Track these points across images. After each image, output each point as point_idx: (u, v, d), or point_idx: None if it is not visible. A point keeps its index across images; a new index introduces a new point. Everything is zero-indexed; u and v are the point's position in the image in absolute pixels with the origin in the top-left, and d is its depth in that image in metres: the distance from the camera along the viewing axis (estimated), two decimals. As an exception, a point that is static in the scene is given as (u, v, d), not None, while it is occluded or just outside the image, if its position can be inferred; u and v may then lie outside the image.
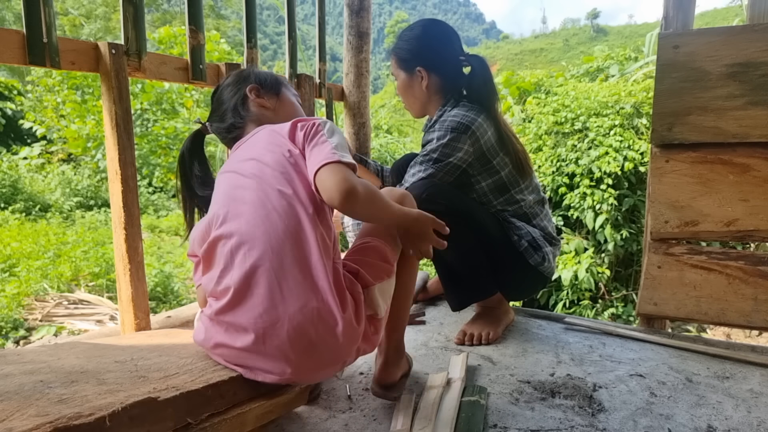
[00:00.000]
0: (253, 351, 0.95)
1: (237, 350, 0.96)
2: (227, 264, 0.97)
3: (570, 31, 50.36)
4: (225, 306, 0.96)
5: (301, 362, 0.95)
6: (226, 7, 30.07)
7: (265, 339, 0.93)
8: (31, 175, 9.89)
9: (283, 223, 0.96)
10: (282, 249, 0.95)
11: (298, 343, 0.93)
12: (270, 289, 0.94)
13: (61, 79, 9.97)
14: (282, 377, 0.96)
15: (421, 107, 1.70)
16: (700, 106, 1.57)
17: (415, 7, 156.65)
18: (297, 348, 0.94)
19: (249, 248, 0.95)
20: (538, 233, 1.62)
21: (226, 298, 0.96)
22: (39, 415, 0.70)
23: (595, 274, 4.72)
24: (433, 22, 1.68)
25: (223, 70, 1.68)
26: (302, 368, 0.96)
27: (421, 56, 1.63)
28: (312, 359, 0.96)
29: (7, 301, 4.09)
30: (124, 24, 1.42)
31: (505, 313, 1.71)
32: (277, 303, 0.93)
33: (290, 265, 0.94)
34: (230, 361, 0.99)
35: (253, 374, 0.97)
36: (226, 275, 0.97)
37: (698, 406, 1.21)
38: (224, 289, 0.96)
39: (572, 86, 5.97)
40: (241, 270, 0.95)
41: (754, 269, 1.57)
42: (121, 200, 1.40)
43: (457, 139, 1.51)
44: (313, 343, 0.94)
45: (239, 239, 0.96)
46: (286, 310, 0.93)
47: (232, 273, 0.96)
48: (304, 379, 1.01)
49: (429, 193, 1.46)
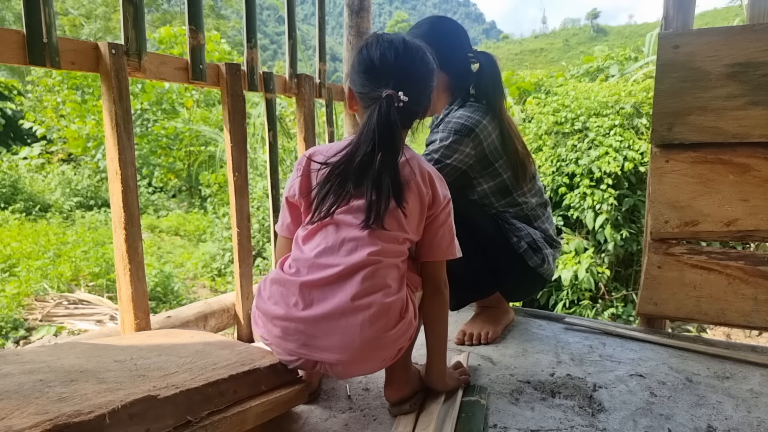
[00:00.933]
0: (322, 323, 0.98)
1: (303, 320, 0.99)
2: (334, 247, 1.02)
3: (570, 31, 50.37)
4: (319, 280, 1.00)
5: (360, 351, 0.99)
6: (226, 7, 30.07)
7: (340, 317, 0.97)
8: (31, 175, 9.90)
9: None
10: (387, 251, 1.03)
11: (368, 331, 0.98)
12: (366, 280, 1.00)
13: (61, 79, 9.98)
14: (337, 359, 0.99)
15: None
16: (700, 106, 1.57)
17: (415, 7, 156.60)
18: (364, 336, 0.98)
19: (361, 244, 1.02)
20: (539, 235, 1.62)
21: (322, 274, 1.00)
22: (39, 413, 0.70)
23: (595, 274, 4.72)
24: (440, 19, 1.68)
25: (223, 70, 1.68)
26: (356, 358, 1.00)
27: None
28: (370, 350, 1.00)
29: (7, 301, 4.10)
30: (124, 24, 1.42)
31: (504, 312, 1.71)
32: (367, 292, 0.99)
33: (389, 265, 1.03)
34: (289, 334, 1.01)
35: (308, 349, 1.00)
36: (331, 255, 1.02)
37: (698, 406, 1.21)
38: (325, 265, 1.01)
39: (572, 86, 5.97)
40: (350, 259, 1.00)
41: (754, 269, 1.57)
42: (121, 200, 1.40)
43: (459, 142, 1.50)
44: (377, 337, 0.99)
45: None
46: (374, 301, 0.99)
47: (338, 257, 1.01)
48: (352, 370, 1.05)
49: None
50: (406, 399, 1.14)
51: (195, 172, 10.12)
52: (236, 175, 1.74)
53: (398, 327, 1.02)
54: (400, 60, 1.06)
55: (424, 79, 1.11)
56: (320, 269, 1.01)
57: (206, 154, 9.87)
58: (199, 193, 9.74)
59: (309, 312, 0.99)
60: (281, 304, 1.02)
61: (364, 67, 1.08)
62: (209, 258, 6.35)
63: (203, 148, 9.96)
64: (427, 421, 1.08)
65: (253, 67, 1.80)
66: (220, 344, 1.19)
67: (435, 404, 1.14)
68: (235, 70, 1.70)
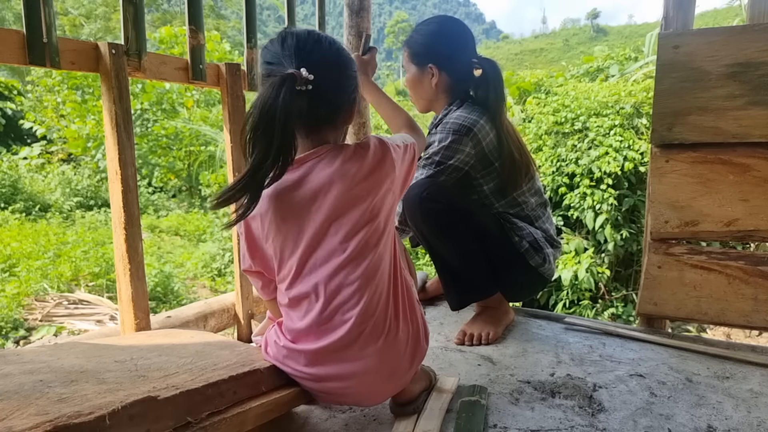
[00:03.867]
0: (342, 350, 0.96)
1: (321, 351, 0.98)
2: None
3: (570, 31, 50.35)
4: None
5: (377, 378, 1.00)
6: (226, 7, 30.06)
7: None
8: (31, 175, 9.90)
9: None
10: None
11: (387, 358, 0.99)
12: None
13: (61, 79, 9.97)
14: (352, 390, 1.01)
15: (428, 104, 1.70)
16: (700, 106, 1.57)
17: (415, 7, 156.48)
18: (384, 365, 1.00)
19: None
20: (540, 234, 1.62)
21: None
22: (39, 413, 0.70)
23: (595, 274, 4.72)
24: (450, 20, 1.68)
25: (223, 70, 1.68)
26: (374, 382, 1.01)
27: (435, 53, 1.62)
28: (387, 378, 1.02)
29: (7, 301, 4.10)
30: (124, 24, 1.42)
31: (505, 313, 1.71)
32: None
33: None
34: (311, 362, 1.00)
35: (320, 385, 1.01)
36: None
37: (698, 406, 1.21)
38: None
39: (572, 86, 5.97)
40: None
41: (754, 269, 1.57)
42: (121, 200, 1.40)
43: (458, 141, 1.50)
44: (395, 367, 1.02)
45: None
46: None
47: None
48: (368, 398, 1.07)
49: (430, 192, 1.46)
50: (414, 399, 1.13)
51: (195, 172, 10.11)
52: (236, 175, 1.74)
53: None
54: (302, 42, 0.96)
55: (337, 64, 1.00)
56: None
57: (206, 154, 9.87)
58: (199, 193, 9.74)
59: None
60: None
61: (265, 56, 0.99)
62: (209, 258, 6.34)
63: (203, 148, 9.95)
64: (428, 423, 1.07)
65: (253, 67, 1.80)
66: (220, 345, 1.19)
67: (437, 404, 1.14)
68: (235, 70, 1.70)
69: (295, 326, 1.00)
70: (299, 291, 0.98)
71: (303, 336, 0.99)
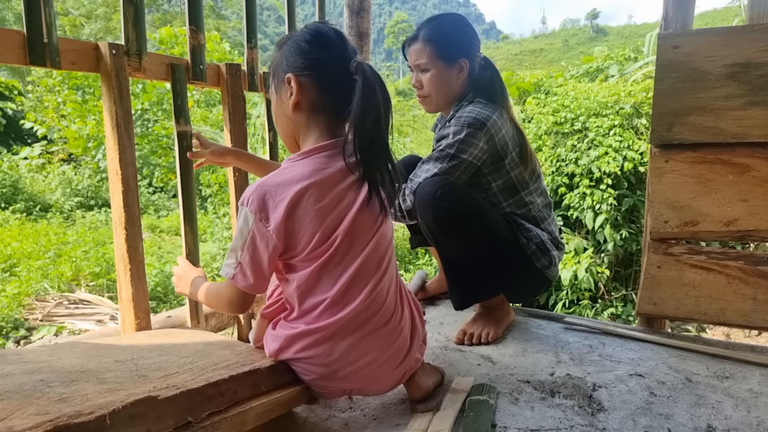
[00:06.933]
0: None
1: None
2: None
3: (570, 31, 50.37)
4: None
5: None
6: (226, 7, 30.06)
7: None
8: (31, 175, 9.91)
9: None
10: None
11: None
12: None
13: (61, 79, 9.98)
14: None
15: (452, 101, 1.65)
16: (700, 106, 1.57)
17: (415, 8, 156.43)
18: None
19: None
20: (546, 236, 1.62)
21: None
22: (39, 413, 0.70)
23: (594, 274, 4.72)
24: (461, 15, 1.70)
25: (223, 70, 1.69)
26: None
27: (466, 48, 1.62)
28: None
29: (7, 301, 4.10)
30: (125, 24, 1.42)
31: (506, 313, 1.70)
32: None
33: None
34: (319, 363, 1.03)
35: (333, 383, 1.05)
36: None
37: (698, 405, 1.21)
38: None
39: (572, 86, 5.98)
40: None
41: (753, 269, 1.57)
42: (122, 200, 1.40)
43: (473, 135, 1.49)
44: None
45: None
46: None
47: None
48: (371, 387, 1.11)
49: (443, 192, 1.44)
50: (431, 394, 1.16)
51: (195, 172, 10.11)
52: (236, 175, 1.74)
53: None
54: (344, 36, 1.07)
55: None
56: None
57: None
58: (200, 193, 9.73)
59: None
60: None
61: (318, 44, 1.02)
62: (209, 258, 6.34)
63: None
64: (441, 423, 1.07)
65: (253, 68, 1.80)
66: (220, 344, 1.20)
67: (452, 404, 1.14)
68: (235, 70, 1.71)
69: (317, 300, 1.01)
70: (336, 268, 1.01)
71: (327, 309, 1.00)
